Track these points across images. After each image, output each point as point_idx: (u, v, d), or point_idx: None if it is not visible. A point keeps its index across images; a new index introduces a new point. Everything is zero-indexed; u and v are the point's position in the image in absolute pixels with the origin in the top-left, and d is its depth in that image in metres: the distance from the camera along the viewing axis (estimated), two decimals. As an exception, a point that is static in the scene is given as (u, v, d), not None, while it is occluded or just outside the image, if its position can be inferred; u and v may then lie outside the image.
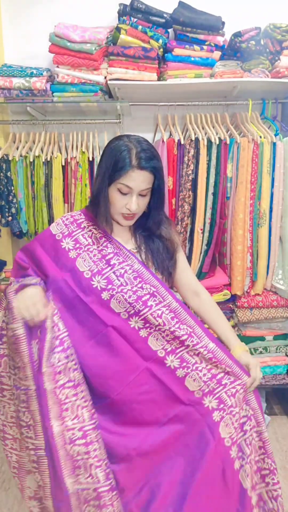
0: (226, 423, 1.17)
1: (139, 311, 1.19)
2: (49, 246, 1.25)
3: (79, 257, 1.22)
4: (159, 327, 1.19)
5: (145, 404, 1.18)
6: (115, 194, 1.19)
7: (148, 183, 1.19)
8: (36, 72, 2.06)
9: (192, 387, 1.19)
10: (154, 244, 1.31)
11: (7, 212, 2.19)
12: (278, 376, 2.27)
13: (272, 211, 2.11)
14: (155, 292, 1.22)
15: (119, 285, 1.20)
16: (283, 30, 1.99)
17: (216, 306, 1.39)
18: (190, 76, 2.05)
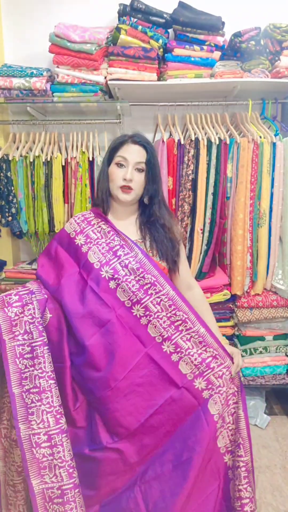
0: (215, 401, 1.33)
1: (140, 299, 1.32)
2: (66, 243, 1.44)
3: (90, 250, 1.38)
4: (157, 313, 1.33)
5: (145, 386, 1.30)
6: (114, 169, 1.38)
7: (142, 156, 1.37)
8: (36, 72, 2.06)
9: (184, 370, 1.33)
10: (158, 234, 1.44)
11: (7, 212, 2.19)
12: (278, 376, 2.28)
13: (272, 211, 2.11)
14: (155, 281, 1.34)
15: (124, 275, 1.33)
16: (283, 30, 1.99)
17: (205, 301, 1.55)
18: (190, 76, 2.05)
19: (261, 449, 2.13)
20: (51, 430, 1.20)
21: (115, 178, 1.37)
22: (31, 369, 1.22)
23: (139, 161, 1.37)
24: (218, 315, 2.24)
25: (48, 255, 1.46)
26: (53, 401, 1.22)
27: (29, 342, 1.24)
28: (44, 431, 1.19)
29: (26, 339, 1.24)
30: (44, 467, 1.18)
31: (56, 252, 1.44)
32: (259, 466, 2.02)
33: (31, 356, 1.23)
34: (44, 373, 1.22)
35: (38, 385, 1.21)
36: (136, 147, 1.37)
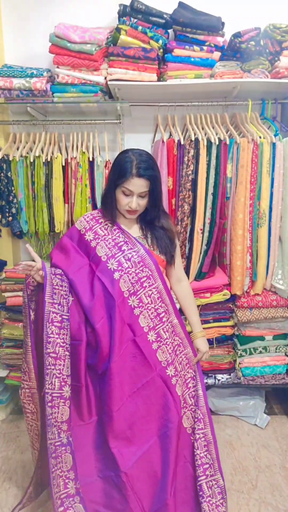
0: (180, 384, 1.55)
1: (137, 291, 1.51)
2: (76, 239, 1.61)
3: (98, 245, 1.55)
4: (147, 305, 1.52)
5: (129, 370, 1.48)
6: (120, 195, 1.52)
7: (145, 187, 1.49)
8: (36, 72, 2.06)
9: (161, 358, 1.52)
10: (158, 232, 1.62)
11: (7, 212, 2.19)
12: (278, 375, 2.28)
13: (271, 211, 2.11)
14: (150, 275, 1.53)
15: (126, 267, 1.50)
16: (283, 30, 1.99)
17: (191, 293, 1.76)
18: (190, 77, 2.05)
19: (261, 449, 2.14)
20: (55, 393, 1.39)
21: (122, 203, 1.52)
22: (55, 336, 1.39)
23: (142, 191, 1.50)
24: (218, 315, 2.24)
25: (60, 249, 1.62)
26: (63, 370, 1.40)
27: (61, 313, 1.43)
28: (50, 392, 1.38)
29: (60, 310, 1.43)
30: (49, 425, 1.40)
31: (67, 246, 1.60)
32: (259, 466, 2.02)
33: (59, 326, 1.41)
34: (64, 343, 1.41)
35: (57, 351, 1.39)
36: (140, 180, 1.47)
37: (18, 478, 1.95)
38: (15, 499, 1.82)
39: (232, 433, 2.27)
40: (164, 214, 1.66)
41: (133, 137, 2.44)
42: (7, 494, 1.85)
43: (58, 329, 1.40)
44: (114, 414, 1.45)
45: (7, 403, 2.45)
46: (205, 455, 1.56)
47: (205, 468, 1.55)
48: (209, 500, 1.52)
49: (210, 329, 2.23)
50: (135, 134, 2.44)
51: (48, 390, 1.38)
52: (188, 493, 1.55)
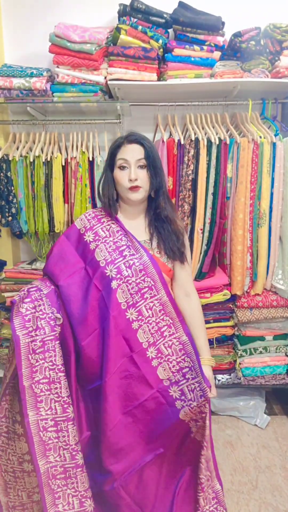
0: (186, 412, 1.36)
1: (136, 303, 1.37)
2: (75, 238, 1.48)
3: (97, 248, 1.42)
4: (148, 318, 1.38)
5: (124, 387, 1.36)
6: (118, 173, 1.42)
7: (140, 153, 1.40)
8: (36, 72, 2.06)
9: (162, 376, 1.37)
10: (164, 232, 1.47)
11: (7, 212, 2.19)
12: (278, 376, 2.27)
13: (272, 211, 2.11)
14: (153, 286, 1.39)
15: (126, 276, 1.37)
16: (283, 30, 1.99)
17: (201, 312, 1.55)
18: (190, 76, 2.05)
19: (261, 449, 2.13)
20: (58, 417, 1.28)
21: (121, 180, 1.41)
22: (41, 362, 1.29)
23: (139, 158, 1.40)
24: (218, 315, 2.24)
25: (55, 250, 1.51)
26: (61, 392, 1.29)
27: (42, 338, 1.30)
28: (51, 417, 1.28)
29: (38, 334, 1.30)
30: (49, 449, 1.27)
31: (62, 247, 1.48)
32: (259, 466, 2.02)
33: (42, 350, 1.29)
34: (54, 365, 1.29)
35: (48, 376, 1.29)
36: (132, 146, 1.41)
37: (17, 478, 1.94)
38: (14, 499, 1.81)
39: (232, 433, 2.27)
40: (170, 203, 1.51)
41: None
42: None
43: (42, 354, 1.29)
44: (108, 433, 1.35)
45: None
46: (205, 468, 1.41)
47: (202, 482, 1.41)
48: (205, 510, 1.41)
49: (210, 329, 2.23)
50: (135, 134, 2.44)
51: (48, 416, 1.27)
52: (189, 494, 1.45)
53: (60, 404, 1.29)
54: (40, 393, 1.28)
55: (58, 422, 1.28)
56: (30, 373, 1.27)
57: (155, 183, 1.44)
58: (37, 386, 1.27)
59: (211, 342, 2.22)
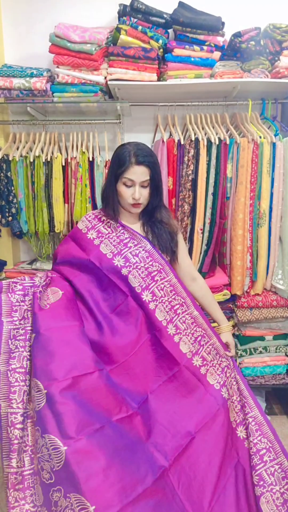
0: (211, 373, 1.50)
1: (148, 285, 1.48)
2: (78, 238, 1.58)
3: (102, 243, 1.52)
4: (161, 298, 1.48)
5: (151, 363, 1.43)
6: (122, 188, 1.49)
7: (146, 175, 1.48)
8: (36, 72, 2.06)
9: (184, 349, 1.47)
10: (158, 231, 1.58)
11: (7, 212, 2.19)
12: (278, 376, 2.28)
13: (272, 211, 2.11)
14: (161, 269, 1.51)
15: (134, 263, 1.48)
16: (283, 30, 1.99)
17: (209, 291, 1.71)
18: (190, 77, 2.05)
19: (261, 449, 2.13)
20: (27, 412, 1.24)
21: (125, 196, 1.49)
22: (21, 350, 1.29)
23: (144, 180, 1.48)
24: (218, 315, 2.24)
25: (59, 249, 1.62)
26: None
27: (24, 326, 1.33)
28: (21, 411, 1.23)
29: (23, 323, 1.33)
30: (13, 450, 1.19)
31: (67, 246, 1.59)
32: (259, 466, 2.02)
33: (24, 338, 1.31)
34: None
35: (25, 366, 1.28)
36: (140, 168, 1.46)
37: (18, 478, 1.94)
38: (15, 499, 1.81)
39: (232, 433, 2.27)
40: (165, 209, 1.63)
41: (133, 137, 2.43)
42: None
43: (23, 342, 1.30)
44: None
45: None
46: (260, 440, 1.41)
47: (261, 455, 1.38)
48: (271, 489, 1.33)
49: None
50: (135, 134, 2.44)
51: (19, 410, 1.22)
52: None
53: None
54: (15, 383, 1.25)
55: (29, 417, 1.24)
56: (7, 358, 1.28)
57: (154, 202, 1.55)
58: (13, 375, 1.25)
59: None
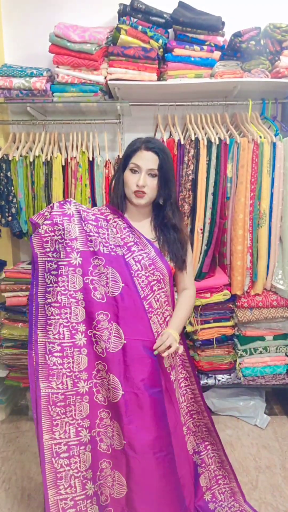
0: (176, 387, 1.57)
1: (147, 296, 1.43)
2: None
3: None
4: (157, 310, 1.46)
5: (144, 370, 1.39)
6: (128, 175, 1.44)
7: (154, 163, 1.42)
8: (36, 72, 2.06)
9: (166, 364, 1.49)
10: (170, 236, 1.52)
11: (7, 212, 2.19)
12: (278, 376, 2.27)
13: (272, 211, 2.11)
14: (161, 279, 1.46)
15: (136, 270, 1.43)
16: (283, 30, 1.99)
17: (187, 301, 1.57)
18: (190, 76, 2.05)
19: (261, 449, 2.13)
20: (64, 342, 1.35)
21: (129, 183, 1.44)
22: (54, 285, 1.36)
23: (151, 168, 1.42)
24: (218, 315, 2.24)
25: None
26: (71, 317, 1.36)
27: (56, 260, 1.37)
28: (58, 341, 1.35)
29: (55, 257, 1.38)
30: (52, 375, 1.34)
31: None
32: (259, 466, 2.02)
33: (56, 274, 1.37)
34: (67, 291, 1.36)
35: (60, 300, 1.36)
36: (149, 154, 1.42)
37: (17, 478, 1.95)
38: (14, 499, 1.81)
39: (232, 433, 2.27)
40: (178, 212, 1.56)
41: (133, 137, 2.34)
42: (6, 494, 1.85)
43: (55, 277, 1.36)
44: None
45: (7, 404, 2.44)
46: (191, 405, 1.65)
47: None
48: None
49: (210, 329, 2.23)
50: (135, 133, 2.42)
51: (56, 340, 1.34)
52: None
53: (68, 329, 1.35)
54: (51, 316, 1.35)
55: (64, 348, 1.35)
56: (44, 292, 1.37)
57: (163, 194, 1.48)
58: (49, 309, 1.35)
59: (211, 342, 2.23)
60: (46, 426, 1.33)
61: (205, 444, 1.72)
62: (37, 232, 1.38)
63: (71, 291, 1.37)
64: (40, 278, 1.38)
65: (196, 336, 2.22)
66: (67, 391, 1.35)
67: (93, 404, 1.38)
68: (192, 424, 1.70)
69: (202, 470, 1.70)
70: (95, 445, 1.38)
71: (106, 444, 1.39)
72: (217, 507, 1.64)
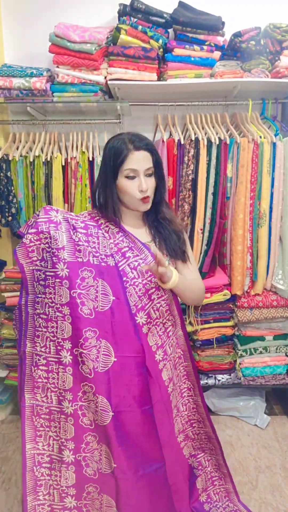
0: (174, 396, 1.49)
1: (144, 305, 1.33)
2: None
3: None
4: (156, 320, 1.36)
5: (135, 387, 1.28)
6: (125, 183, 1.30)
7: (149, 161, 1.31)
8: (36, 72, 2.06)
9: (164, 377, 1.40)
10: (164, 232, 1.41)
11: (7, 212, 2.19)
12: (278, 376, 2.27)
13: (272, 211, 2.11)
14: (160, 286, 1.33)
15: (132, 278, 1.32)
16: (283, 30, 1.99)
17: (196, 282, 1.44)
18: (190, 76, 2.05)
19: (261, 449, 2.13)
20: (50, 357, 1.29)
21: (130, 191, 1.30)
22: (43, 296, 1.28)
23: (148, 167, 1.31)
24: (218, 315, 2.24)
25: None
26: (57, 332, 1.27)
27: (44, 270, 1.28)
28: (44, 355, 1.29)
29: (43, 266, 1.28)
30: (38, 387, 1.30)
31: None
32: (259, 466, 2.02)
33: (44, 284, 1.28)
34: (53, 304, 1.27)
35: (47, 313, 1.28)
36: (140, 153, 1.29)
37: (17, 478, 1.94)
38: (14, 499, 1.81)
39: (232, 433, 2.27)
40: (167, 205, 1.47)
41: None
42: (6, 494, 1.85)
43: (43, 288, 1.26)
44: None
45: (7, 404, 2.44)
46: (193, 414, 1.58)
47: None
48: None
49: (210, 329, 2.23)
50: (135, 134, 2.44)
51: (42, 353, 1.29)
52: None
53: (54, 344, 1.28)
54: (39, 328, 1.29)
55: (50, 362, 1.29)
56: (33, 301, 1.30)
57: (162, 191, 1.40)
58: (37, 320, 1.29)
59: (211, 342, 2.23)
60: (29, 435, 1.31)
61: (204, 449, 1.68)
62: (21, 243, 1.28)
63: (58, 304, 1.26)
64: (29, 287, 1.29)
65: (196, 336, 2.22)
66: (51, 406, 1.30)
67: (78, 427, 1.29)
68: (192, 432, 1.63)
69: (199, 473, 1.65)
70: (80, 469, 1.31)
71: (93, 469, 1.31)
72: (212, 507, 1.62)
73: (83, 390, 1.27)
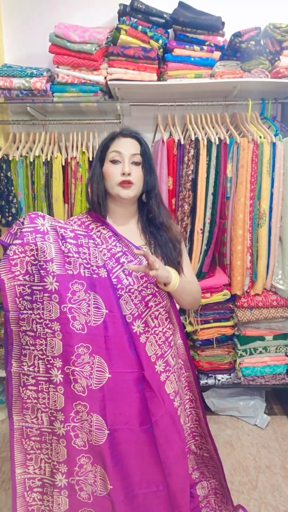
0: (181, 410, 1.39)
1: (141, 313, 1.26)
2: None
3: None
4: (154, 329, 1.29)
5: (133, 404, 1.21)
6: (109, 167, 1.29)
7: (136, 148, 1.30)
8: (36, 72, 2.06)
9: (169, 390, 1.30)
10: (161, 238, 1.36)
11: (7, 212, 2.19)
12: (278, 376, 2.28)
13: (272, 211, 2.11)
14: (156, 292, 1.29)
15: (127, 285, 1.25)
16: (283, 30, 1.99)
17: (193, 285, 1.40)
18: (190, 76, 2.05)
19: (261, 449, 2.14)
20: (39, 376, 1.21)
21: (112, 175, 1.27)
22: (29, 312, 1.19)
23: (134, 153, 1.28)
24: (218, 315, 2.24)
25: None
26: (46, 350, 1.18)
27: (30, 284, 1.19)
28: (33, 374, 1.21)
29: (28, 280, 1.18)
30: (27, 408, 1.23)
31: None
32: (259, 466, 2.02)
33: (31, 299, 1.19)
34: (42, 320, 1.18)
35: (35, 329, 1.19)
36: (128, 139, 1.30)
37: (17, 478, 1.94)
38: (14, 499, 1.81)
39: (232, 433, 2.27)
40: (165, 208, 1.41)
41: None
42: (6, 494, 1.85)
43: (30, 303, 1.18)
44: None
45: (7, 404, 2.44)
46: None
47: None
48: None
49: (210, 329, 2.23)
50: (135, 134, 2.44)
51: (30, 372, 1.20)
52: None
53: (43, 362, 1.19)
54: (25, 346, 1.20)
55: (39, 382, 1.21)
56: (17, 318, 1.20)
57: (149, 182, 1.32)
58: (24, 337, 1.20)
59: (211, 342, 2.23)
60: (19, 459, 1.24)
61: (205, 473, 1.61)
62: (5, 255, 1.17)
63: (47, 320, 1.17)
64: (9, 304, 1.18)
65: (196, 336, 2.22)
66: (42, 427, 1.22)
67: (71, 449, 1.20)
68: (194, 445, 1.57)
69: (200, 479, 1.61)
70: (74, 493, 1.23)
71: (87, 492, 1.23)
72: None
73: (75, 410, 1.19)
